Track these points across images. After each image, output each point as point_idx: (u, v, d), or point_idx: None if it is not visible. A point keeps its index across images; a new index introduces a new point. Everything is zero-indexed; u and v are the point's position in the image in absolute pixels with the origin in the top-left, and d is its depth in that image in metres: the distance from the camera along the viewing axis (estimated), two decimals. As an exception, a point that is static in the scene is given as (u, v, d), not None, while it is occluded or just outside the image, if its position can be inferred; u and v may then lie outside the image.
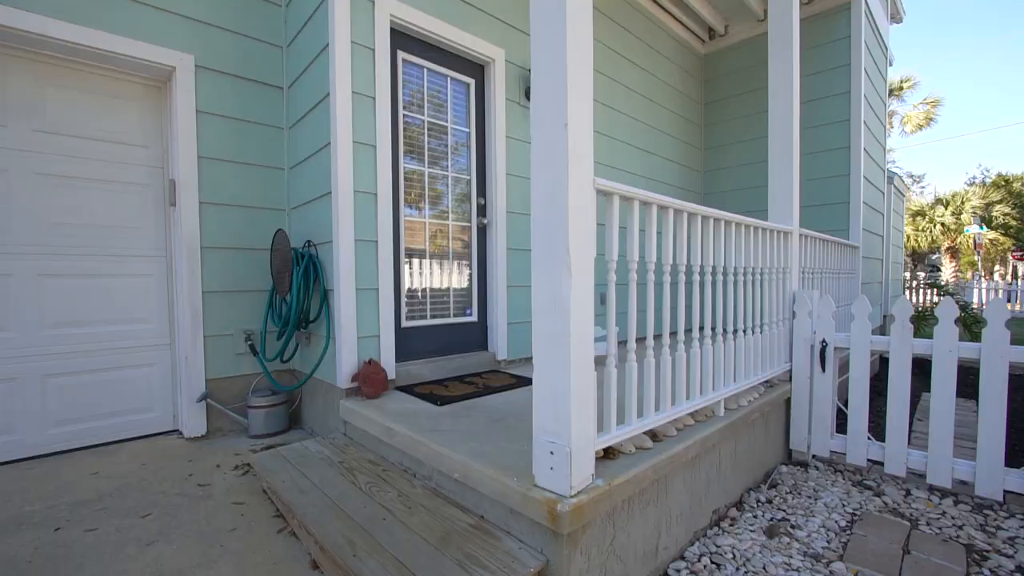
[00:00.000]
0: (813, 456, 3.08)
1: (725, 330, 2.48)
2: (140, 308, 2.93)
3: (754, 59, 5.56)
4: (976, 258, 19.15)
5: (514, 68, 3.64)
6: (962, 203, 22.32)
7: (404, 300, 3.10)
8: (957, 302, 8.19)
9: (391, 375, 2.89)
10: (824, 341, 2.98)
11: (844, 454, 2.92)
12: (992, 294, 14.98)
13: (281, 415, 3.06)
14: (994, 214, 22.37)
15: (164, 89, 3.00)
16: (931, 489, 2.69)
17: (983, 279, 22.60)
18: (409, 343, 3.13)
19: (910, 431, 3.06)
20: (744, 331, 2.63)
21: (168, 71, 2.89)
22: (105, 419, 2.83)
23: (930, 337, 2.56)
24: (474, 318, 3.51)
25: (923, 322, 8.34)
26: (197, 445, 2.88)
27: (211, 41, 3.00)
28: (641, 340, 1.96)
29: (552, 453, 1.53)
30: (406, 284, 3.12)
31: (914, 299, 13.18)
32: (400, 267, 3.07)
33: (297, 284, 2.75)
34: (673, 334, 3.35)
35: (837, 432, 3.01)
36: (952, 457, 2.52)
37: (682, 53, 5.61)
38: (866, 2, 4.90)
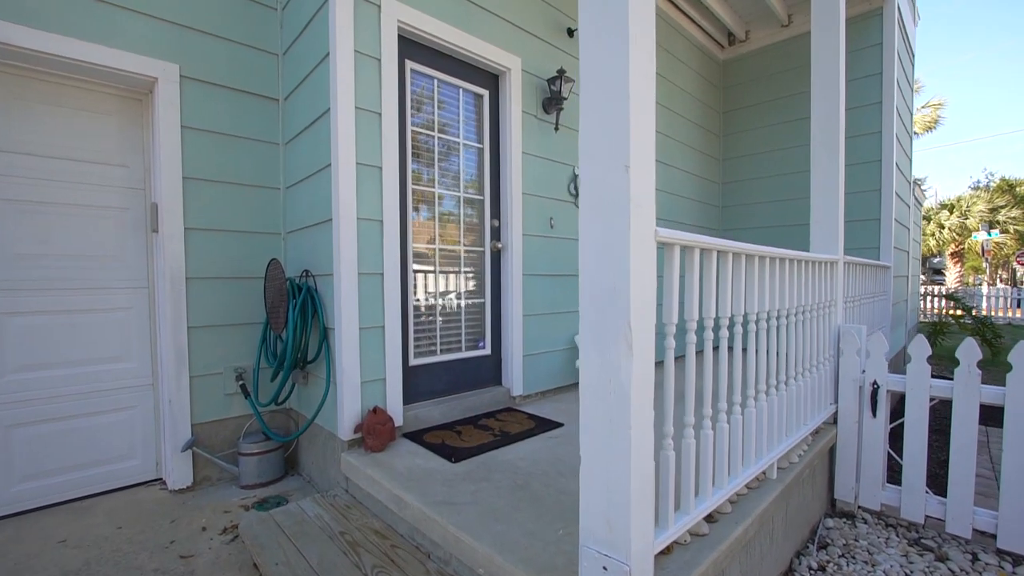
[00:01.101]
0: (860, 507, 2.80)
1: (777, 381, 2.20)
2: (118, 346, 2.63)
3: (776, 66, 5.29)
4: (984, 264, 18.95)
5: (531, 78, 3.35)
6: (968, 208, 22.15)
7: (412, 335, 2.81)
8: (975, 314, 7.89)
9: (398, 421, 2.60)
10: (876, 383, 2.70)
11: (897, 507, 2.64)
12: (1001, 300, 14.78)
13: (276, 462, 2.77)
14: (999, 219, 22.21)
15: (145, 102, 2.70)
16: (1000, 553, 2.42)
17: (987, 284, 22.43)
18: (417, 382, 2.84)
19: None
20: (795, 377, 2.36)
21: (149, 82, 2.59)
22: (79, 471, 2.53)
23: (949, 349, 2.31)
24: (487, 351, 3.22)
25: (940, 336, 8.09)
26: (182, 499, 2.59)
27: (197, 49, 2.70)
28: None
29: (606, 569, 1.24)
30: (413, 317, 2.83)
31: (925, 307, 12.95)
32: (408, 300, 2.78)
33: (293, 321, 2.46)
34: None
35: (888, 482, 2.73)
36: (1030, 520, 2.24)
37: (700, 59, 5.34)
38: (899, 7, 4.63)
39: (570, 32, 3.63)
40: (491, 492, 1.96)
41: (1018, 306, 14.17)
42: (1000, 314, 14.44)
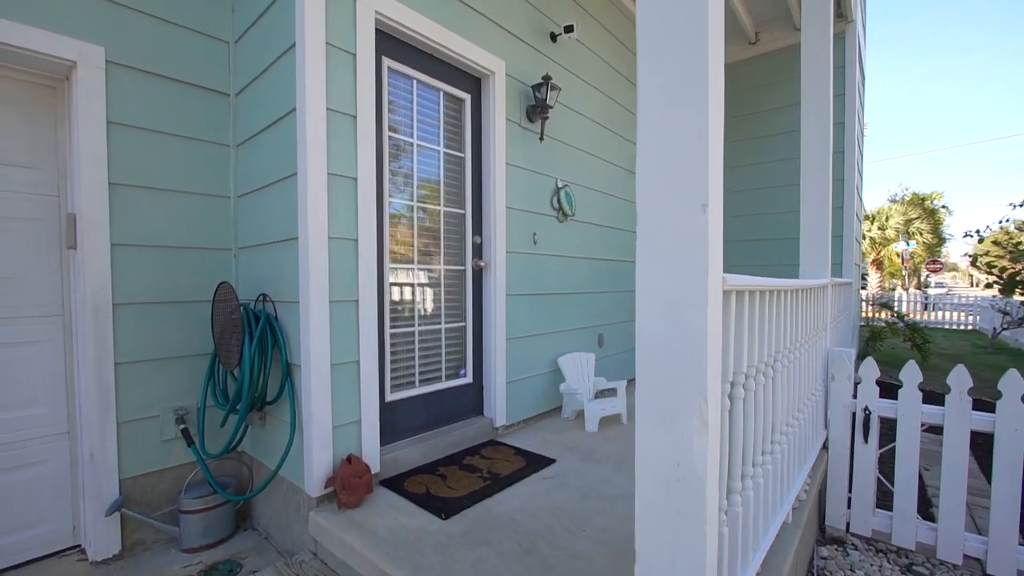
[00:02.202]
0: (851, 534, 2.78)
1: (791, 419, 2.09)
2: (23, 388, 2.14)
3: (743, 83, 5.37)
4: (904, 272, 20.70)
5: (515, 83, 3.12)
6: (886, 219, 24.20)
7: (389, 368, 2.49)
8: (906, 320, 8.43)
9: (374, 467, 2.28)
10: (867, 409, 2.68)
11: (887, 533, 2.63)
12: (914, 303, 16.11)
13: (225, 517, 2.37)
14: (911, 230, 24.44)
15: (60, 91, 2.22)
16: (988, 578, 2.45)
17: (901, 289, 24.55)
18: (394, 419, 2.53)
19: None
20: (800, 411, 2.27)
21: (65, 67, 2.13)
22: (-34, 545, 2.03)
23: (887, 354, 2.36)
24: (468, 379, 2.95)
25: (879, 341, 8.61)
26: (107, 572, 2.14)
27: (128, 29, 2.26)
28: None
29: None
30: (390, 347, 2.52)
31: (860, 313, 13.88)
32: (384, 329, 2.46)
33: (250, 359, 2.09)
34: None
35: (877, 507, 2.72)
36: (1018, 546, 2.27)
37: (672, 71, 5.31)
38: (859, 32, 4.80)
39: (553, 37, 3.43)
40: (495, 562, 1.71)
41: (926, 308, 15.46)
42: (915, 316, 15.77)
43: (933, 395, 2.81)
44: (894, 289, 25.01)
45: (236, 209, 2.59)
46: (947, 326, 14.04)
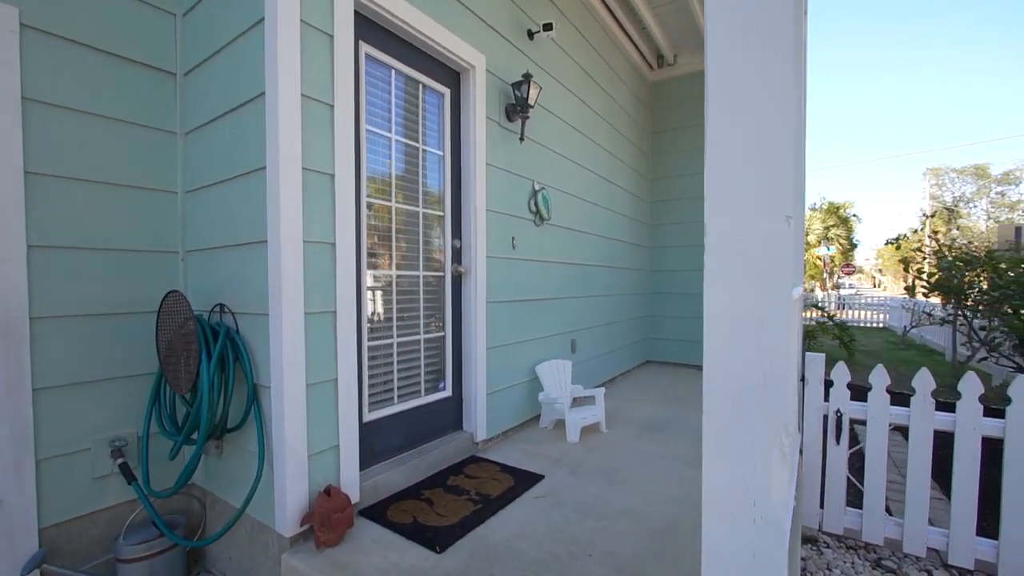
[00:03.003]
0: (822, 532, 2.88)
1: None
2: (-96, 424, 1.72)
3: (700, 94, 5.50)
4: (825, 275, 22.55)
5: (495, 80, 2.98)
6: (809, 226, 26.31)
7: (367, 385, 2.27)
8: (834, 320, 9.08)
9: (354, 496, 2.05)
10: (839, 411, 2.78)
11: (858, 531, 2.75)
12: (831, 304, 17.55)
13: (174, 564, 2.04)
14: (830, 235, 26.75)
15: (-42, 57, 1.82)
16: (948, 567, 2.61)
17: (820, 290, 26.73)
18: (373, 441, 2.30)
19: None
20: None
21: (-33, 29, 1.74)
22: None
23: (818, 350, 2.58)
24: (448, 392, 2.76)
25: (811, 340, 9.24)
26: (20, 643, 1.77)
27: (52, -11, 1.89)
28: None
29: None
30: (369, 362, 2.29)
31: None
32: (363, 342, 2.23)
33: (209, 381, 1.80)
34: (681, 404, 2.94)
35: (847, 506, 2.84)
36: (975, 536, 2.43)
37: (635, 78, 5.38)
38: (805, 54, 5.07)
39: (531, 35, 3.32)
40: (506, 599, 1.56)
41: (839, 308, 16.88)
42: (835, 316, 17.22)
43: (895, 396, 2.97)
44: (813, 290, 27.23)
45: (185, 206, 2.25)
46: (860, 324, 15.40)
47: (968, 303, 4.62)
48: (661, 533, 1.98)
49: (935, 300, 5.71)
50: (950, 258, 4.86)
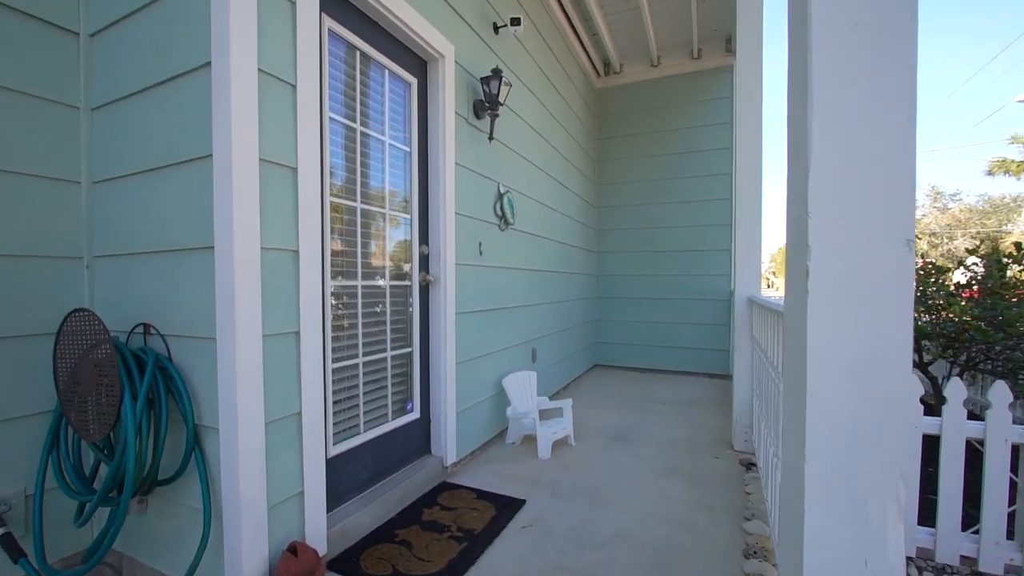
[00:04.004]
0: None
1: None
2: None
3: (646, 103, 5.66)
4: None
5: (463, 73, 2.76)
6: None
7: (332, 414, 1.95)
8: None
9: (322, 548, 1.74)
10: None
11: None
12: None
13: (76, 656, 1.59)
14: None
15: None
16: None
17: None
18: (339, 478, 1.99)
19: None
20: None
21: None
22: None
23: None
24: (416, 414, 2.50)
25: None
26: None
27: None
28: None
29: None
30: (333, 387, 1.98)
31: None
32: (327, 364, 1.92)
33: (136, 424, 1.41)
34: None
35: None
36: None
37: (584, 83, 5.38)
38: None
39: (496, 28, 3.14)
40: (524, 661, 1.36)
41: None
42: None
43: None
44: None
45: (91, 200, 1.79)
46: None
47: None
48: (662, 558, 1.89)
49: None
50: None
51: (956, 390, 2.12)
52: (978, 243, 4.05)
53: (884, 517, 0.80)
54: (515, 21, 3.10)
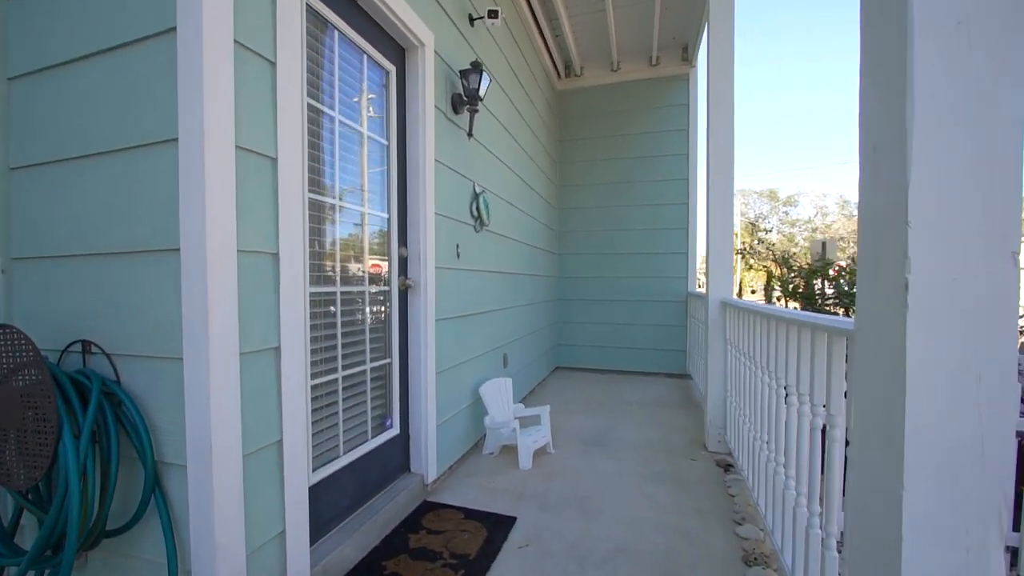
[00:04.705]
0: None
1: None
2: None
3: (606, 106, 5.71)
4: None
5: (443, 65, 2.59)
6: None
7: (311, 437, 1.73)
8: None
9: (303, 594, 1.53)
10: (769, 414, 2.99)
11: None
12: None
13: None
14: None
15: None
16: None
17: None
18: (320, 509, 1.77)
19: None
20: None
21: None
22: None
23: None
24: (396, 430, 2.30)
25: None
26: None
27: None
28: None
29: None
30: (312, 406, 1.75)
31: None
32: (307, 381, 1.70)
33: (79, 465, 1.15)
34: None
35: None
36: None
37: (547, 84, 5.34)
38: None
39: (471, 20, 2.99)
40: None
41: None
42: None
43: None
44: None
45: (7, 191, 1.46)
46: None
47: (819, 305, 5.57)
48: (665, 570, 1.84)
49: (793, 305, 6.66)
50: (806, 268, 5.80)
51: None
52: None
53: (986, 542, 0.77)
54: (492, 14, 2.98)
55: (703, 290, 3.57)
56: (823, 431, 1.49)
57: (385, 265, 2.26)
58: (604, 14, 4.63)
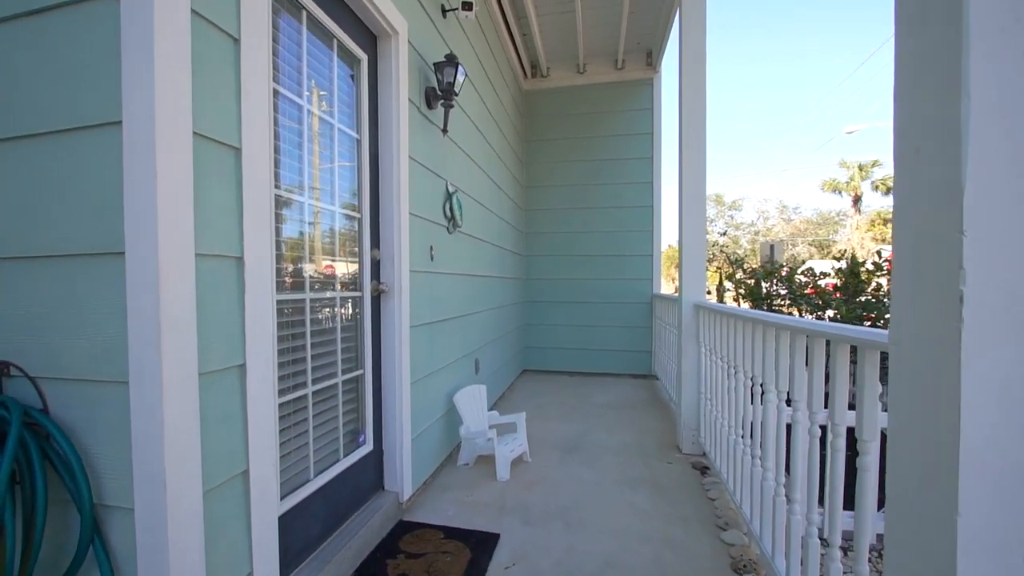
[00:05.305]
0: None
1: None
2: None
3: (571, 108, 5.69)
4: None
5: (416, 56, 2.45)
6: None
7: (279, 462, 1.55)
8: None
9: (272, 641, 1.35)
10: None
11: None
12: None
13: None
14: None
15: None
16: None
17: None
18: (290, 540, 1.58)
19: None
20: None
21: None
22: None
23: None
24: (369, 446, 2.14)
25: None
26: None
27: None
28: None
29: None
30: (280, 427, 1.57)
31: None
32: (276, 399, 1.51)
33: (-5, 517, 0.94)
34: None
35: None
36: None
37: (515, 83, 5.26)
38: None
39: (444, 11, 2.86)
40: None
41: None
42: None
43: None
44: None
45: None
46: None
47: (772, 304, 5.78)
48: (659, 584, 1.79)
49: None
50: (761, 270, 6.02)
51: None
52: (843, 251, 4.67)
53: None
54: (466, 6, 2.85)
55: (669, 292, 3.60)
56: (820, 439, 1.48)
57: (357, 268, 2.09)
58: (573, 15, 4.60)
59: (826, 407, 1.45)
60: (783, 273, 4.93)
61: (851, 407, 1.32)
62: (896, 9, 0.87)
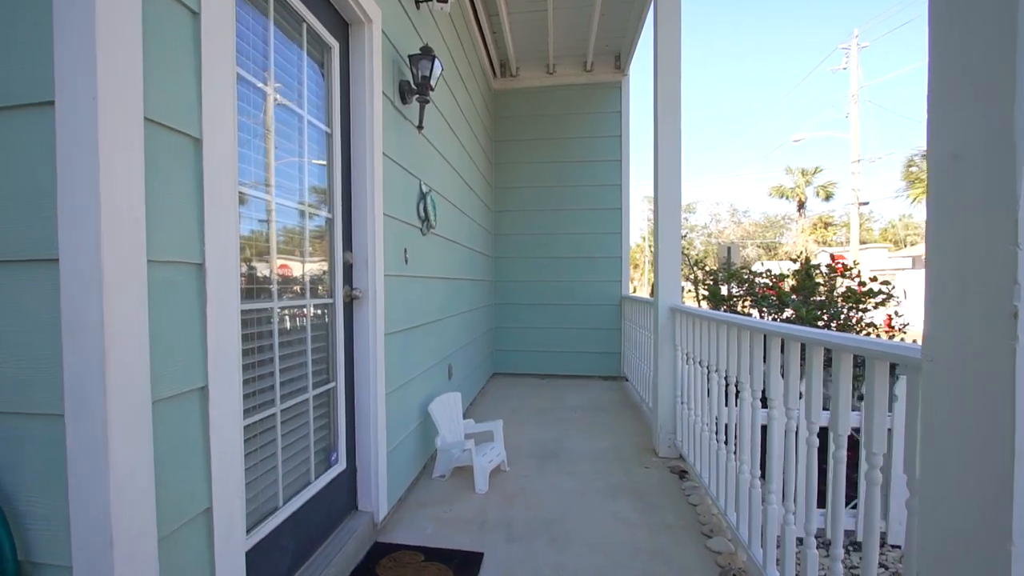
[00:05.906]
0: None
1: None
2: None
3: (541, 108, 5.64)
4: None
5: (389, 47, 2.30)
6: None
7: (245, 493, 1.38)
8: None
9: None
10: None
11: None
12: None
13: None
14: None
15: None
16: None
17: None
18: (260, 575, 1.42)
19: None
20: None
21: None
22: None
23: None
24: (341, 465, 1.97)
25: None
26: None
27: None
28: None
29: None
30: (246, 453, 1.40)
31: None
32: (242, 422, 1.34)
33: None
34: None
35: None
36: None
37: (484, 82, 5.15)
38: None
39: (417, 3, 2.72)
40: None
41: None
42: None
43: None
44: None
45: None
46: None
47: (733, 305, 5.95)
48: (652, 600, 1.74)
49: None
50: (722, 272, 6.19)
51: None
52: (800, 254, 4.85)
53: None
54: (442, -3, 2.72)
55: (639, 293, 3.60)
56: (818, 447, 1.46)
57: (328, 273, 1.92)
58: (544, 14, 4.54)
59: (826, 408, 1.44)
60: (745, 276, 5.05)
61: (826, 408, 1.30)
62: (930, 8, 0.83)
